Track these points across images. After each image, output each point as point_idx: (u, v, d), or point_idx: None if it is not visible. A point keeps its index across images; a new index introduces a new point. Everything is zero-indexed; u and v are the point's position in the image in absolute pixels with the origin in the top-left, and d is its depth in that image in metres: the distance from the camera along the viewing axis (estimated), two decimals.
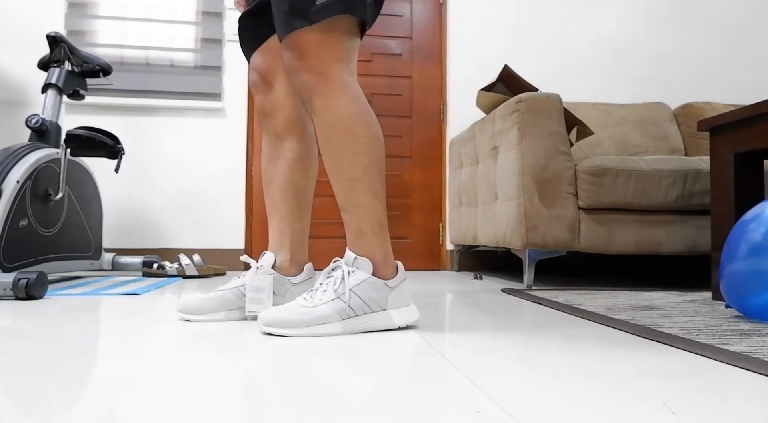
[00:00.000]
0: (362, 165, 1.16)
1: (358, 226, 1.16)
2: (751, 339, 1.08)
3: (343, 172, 1.16)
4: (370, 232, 1.16)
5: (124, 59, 2.92)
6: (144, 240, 2.90)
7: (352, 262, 1.15)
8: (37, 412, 0.63)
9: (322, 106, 1.14)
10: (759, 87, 3.35)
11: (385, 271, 1.17)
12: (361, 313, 1.13)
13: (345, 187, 1.16)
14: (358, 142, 1.15)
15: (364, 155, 1.16)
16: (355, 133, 1.15)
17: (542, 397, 0.70)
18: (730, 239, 1.31)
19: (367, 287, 1.14)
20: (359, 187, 1.16)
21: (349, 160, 1.15)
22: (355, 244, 1.17)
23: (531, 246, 2.10)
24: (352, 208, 1.17)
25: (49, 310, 1.43)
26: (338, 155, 1.16)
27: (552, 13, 3.23)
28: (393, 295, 1.16)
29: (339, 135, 1.15)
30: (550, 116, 2.12)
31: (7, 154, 1.89)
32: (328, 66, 1.14)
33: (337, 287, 1.13)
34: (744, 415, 0.64)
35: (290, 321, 1.09)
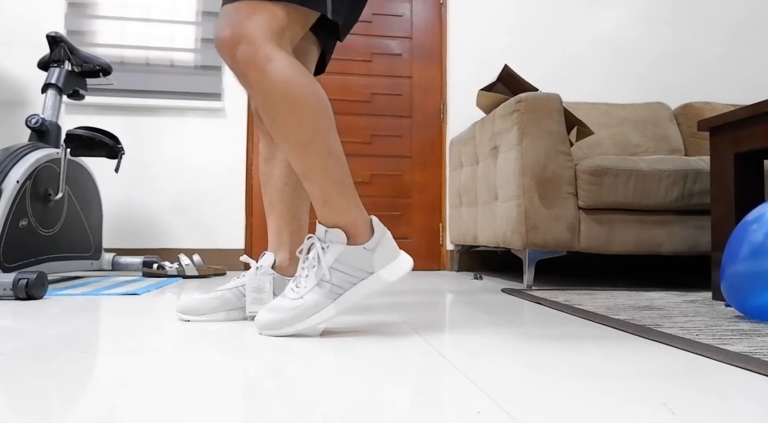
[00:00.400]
0: (310, 126, 1.10)
1: (322, 192, 1.11)
2: (751, 339, 1.08)
3: (292, 138, 1.10)
4: (336, 195, 1.11)
5: (124, 59, 2.92)
6: (144, 240, 2.90)
7: (324, 237, 1.11)
8: (37, 412, 0.63)
9: (257, 78, 1.09)
10: (759, 87, 3.35)
11: (361, 232, 1.12)
12: (349, 285, 1.10)
13: (298, 153, 1.10)
14: (299, 103, 1.10)
15: (308, 116, 1.10)
16: (293, 95, 1.09)
17: (542, 397, 0.70)
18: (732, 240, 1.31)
19: (346, 259, 1.10)
20: (312, 149, 1.10)
21: (294, 123, 1.10)
22: (323, 212, 1.12)
23: (531, 246, 2.10)
24: (311, 173, 1.11)
25: (49, 310, 1.43)
26: (282, 121, 1.10)
27: (552, 13, 3.23)
28: (377, 256, 1.12)
29: (278, 100, 1.09)
30: (550, 116, 2.12)
31: (7, 154, 1.89)
32: (260, 34, 1.09)
33: (317, 270, 1.10)
34: (744, 415, 0.64)
35: (283, 320, 1.08)
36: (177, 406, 0.65)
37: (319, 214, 1.13)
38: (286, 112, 1.09)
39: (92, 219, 2.37)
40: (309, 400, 0.68)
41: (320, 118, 1.11)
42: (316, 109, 1.11)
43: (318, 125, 1.11)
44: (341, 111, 3.12)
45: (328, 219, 1.12)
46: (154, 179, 2.92)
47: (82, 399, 0.68)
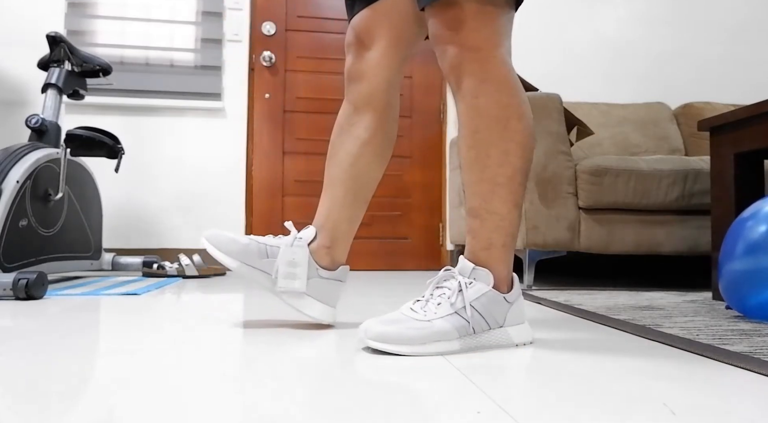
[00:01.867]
0: (512, 167, 0.98)
1: (489, 237, 1.00)
2: (752, 339, 1.08)
3: (486, 173, 0.98)
4: (500, 246, 1.00)
5: (124, 59, 2.92)
6: (144, 240, 2.90)
7: (469, 273, 1.00)
8: (37, 412, 0.62)
9: (474, 89, 0.97)
10: (759, 87, 3.35)
11: (504, 282, 1.02)
12: (480, 330, 0.99)
13: (484, 191, 0.98)
14: (511, 138, 0.97)
15: (515, 156, 0.98)
16: (509, 127, 0.97)
17: (542, 397, 0.70)
18: (728, 237, 1.31)
19: (486, 302, 0.99)
20: (501, 193, 0.98)
21: (497, 159, 0.97)
22: (479, 255, 1.01)
23: (531, 246, 2.10)
24: (487, 215, 0.99)
25: (49, 310, 1.43)
26: (485, 151, 0.97)
27: (552, 13, 3.23)
28: (511, 311, 1.02)
29: (490, 126, 0.97)
30: (550, 116, 2.12)
31: (7, 154, 1.89)
32: (486, 41, 0.97)
33: (453, 301, 0.97)
34: (744, 415, 0.64)
35: (404, 337, 0.94)
36: (177, 406, 0.65)
37: (474, 255, 1.02)
38: (494, 144, 0.98)
39: (92, 219, 2.37)
40: (306, 396, 0.68)
41: (524, 161, 1.00)
42: (525, 150, 0.99)
43: (520, 169, 0.99)
44: None
45: (481, 260, 1.01)
46: (154, 179, 2.92)
47: (82, 399, 0.67)
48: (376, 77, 1.18)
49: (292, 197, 3.05)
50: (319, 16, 3.14)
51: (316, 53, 3.11)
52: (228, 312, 1.43)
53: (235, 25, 3.00)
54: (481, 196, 1.00)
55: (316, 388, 0.74)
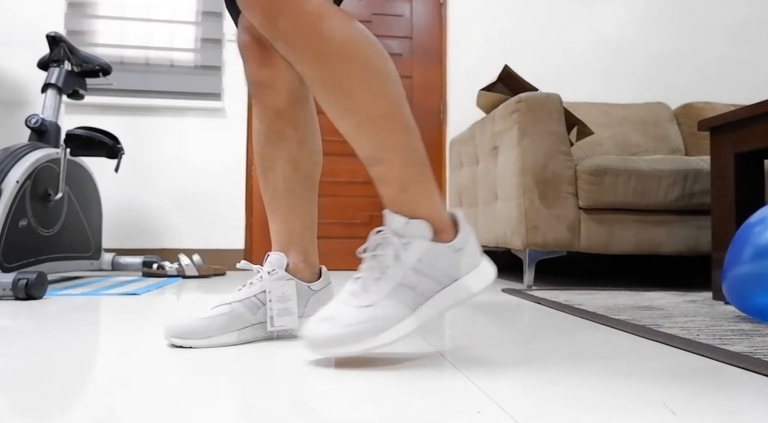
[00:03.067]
0: (386, 94, 0.86)
1: (401, 175, 0.86)
2: (752, 339, 1.08)
3: (363, 113, 0.85)
4: (418, 178, 0.87)
5: (124, 59, 2.92)
6: (144, 240, 2.90)
7: (403, 230, 0.86)
8: (37, 412, 0.62)
9: (308, 44, 0.84)
10: (759, 87, 3.35)
11: (446, 228, 0.88)
12: (432, 293, 0.86)
13: (371, 132, 0.86)
14: (370, 67, 0.85)
15: (383, 82, 0.86)
16: (362, 58, 0.85)
17: (542, 397, 0.70)
18: (735, 242, 1.31)
19: (431, 259, 0.86)
20: (389, 124, 0.86)
21: (366, 92, 0.85)
22: (402, 200, 0.87)
23: (531, 246, 2.10)
24: (387, 154, 0.86)
25: (49, 310, 1.43)
26: (350, 90, 0.85)
27: (552, 13, 3.23)
28: (464, 258, 0.88)
29: (342, 68, 0.84)
30: (550, 116, 2.12)
31: (7, 154, 1.89)
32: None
33: (394, 272, 0.84)
34: (745, 415, 0.64)
35: (349, 335, 0.82)
36: (177, 406, 0.65)
37: (394, 203, 0.87)
38: (355, 81, 0.84)
39: (92, 219, 2.37)
40: (307, 397, 0.68)
41: (394, 82, 0.87)
42: (388, 71, 0.87)
43: (394, 92, 0.87)
44: None
45: (409, 208, 0.87)
46: (154, 179, 2.92)
47: (82, 399, 0.67)
48: (289, 73, 1.07)
49: None
50: None
51: None
52: None
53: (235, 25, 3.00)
54: (369, 139, 0.87)
55: (313, 387, 0.74)
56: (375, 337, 0.82)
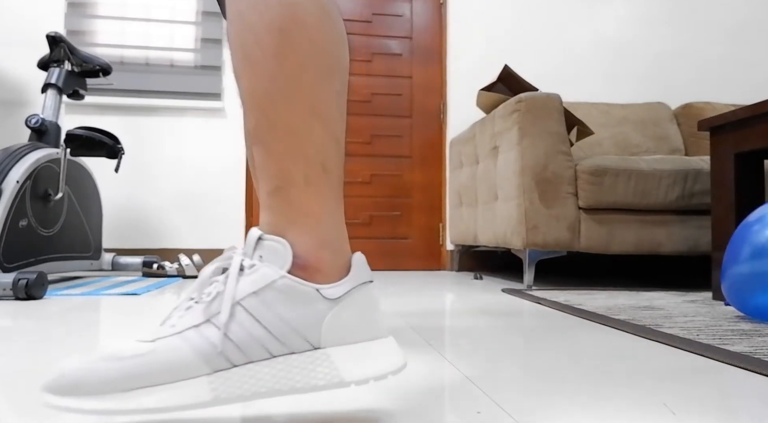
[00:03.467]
0: (295, 56, 0.59)
1: (279, 169, 0.59)
2: (752, 339, 1.08)
3: (259, 69, 0.59)
4: (300, 181, 0.59)
5: (124, 59, 2.92)
6: (144, 240, 2.90)
7: (253, 248, 0.57)
8: (37, 412, 0.62)
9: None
10: (759, 87, 3.35)
11: (324, 264, 0.58)
12: (259, 356, 0.54)
13: (262, 100, 0.59)
14: (288, 12, 0.58)
15: (297, 34, 0.59)
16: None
17: (542, 397, 0.70)
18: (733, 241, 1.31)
19: (277, 299, 0.55)
20: (287, 98, 0.59)
21: (270, 43, 0.58)
22: (269, 206, 0.60)
23: (531, 246, 2.10)
24: (271, 135, 0.59)
25: (49, 310, 1.43)
26: (252, 36, 0.59)
27: (552, 12, 3.23)
28: (339, 318, 0.57)
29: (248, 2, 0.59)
30: (550, 116, 2.12)
31: (7, 154, 1.89)
32: None
33: (212, 300, 0.55)
34: (745, 415, 0.64)
35: (89, 383, 0.51)
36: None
37: (261, 209, 0.61)
38: (257, 22, 0.59)
39: (92, 219, 2.37)
40: (305, 398, 0.68)
41: (317, 46, 0.60)
42: (317, 29, 0.60)
43: (310, 57, 0.59)
44: None
45: (273, 221, 0.59)
46: (154, 179, 2.92)
47: None
48: None
49: None
50: None
51: None
52: None
53: None
54: (259, 109, 0.60)
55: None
56: (128, 392, 0.51)
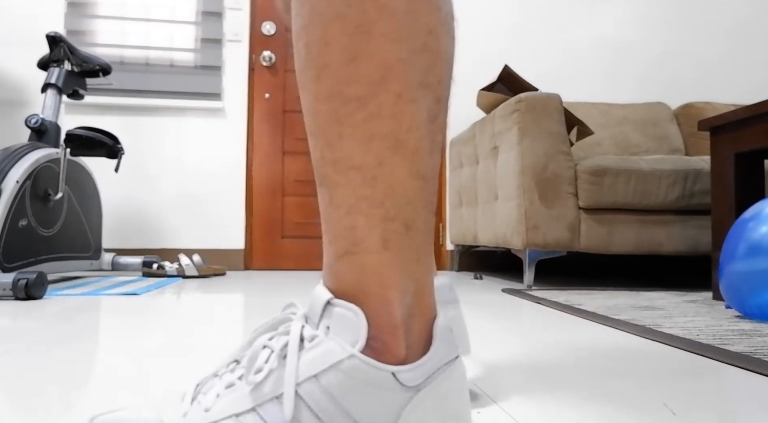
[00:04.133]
0: (377, 61, 0.43)
1: (348, 228, 0.43)
2: (752, 339, 1.08)
3: (327, 84, 0.45)
4: (376, 246, 0.42)
5: (124, 59, 2.92)
6: (144, 240, 2.90)
7: (319, 314, 0.42)
8: (37, 412, 0.62)
9: None
10: (760, 87, 3.35)
11: (400, 341, 0.42)
12: None
13: (324, 126, 0.47)
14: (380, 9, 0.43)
15: (386, 38, 0.44)
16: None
17: (542, 397, 0.70)
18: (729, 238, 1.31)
19: (340, 385, 0.40)
20: (361, 124, 0.44)
21: (337, 47, 0.44)
22: (338, 270, 0.44)
23: (531, 246, 2.10)
24: (335, 175, 0.47)
25: (49, 310, 1.43)
26: (321, 38, 0.44)
27: (552, 13, 3.22)
28: (412, 408, 0.41)
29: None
30: (550, 116, 2.12)
31: (7, 154, 1.89)
32: None
33: (260, 379, 0.41)
34: (745, 415, 0.64)
35: None
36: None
37: (326, 267, 0.45)
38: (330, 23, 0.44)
39: (92, 219, 2.36)
40: None
41: (413, 49, 0.46)
42: (409, 28, 0.45)
43: (402, 64, 0.45)
44: None
45: (341, 288, 0.43)
46: (154, 179, 2.92)
47: (82, 399, 0.67)
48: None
49: (292, 197, 3.05)
50: None
51: None
52: (228, 312, 1.43)
53: (235, 25, 3.00)
54: (324, 137, 0.48)
55: None
56: None
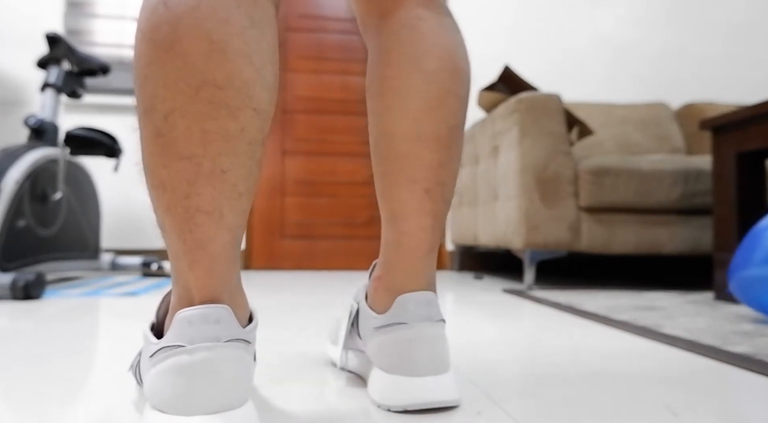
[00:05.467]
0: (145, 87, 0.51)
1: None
2: (754, 340, 1.08)
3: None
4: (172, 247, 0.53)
5: (123, 59, 2.91)
6: (143, 240, 2.89)
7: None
8: (37, 412, 0.62)
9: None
10: (761, 86, 3.34)
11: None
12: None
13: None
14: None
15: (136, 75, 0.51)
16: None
17: (543, 398, 0.69)
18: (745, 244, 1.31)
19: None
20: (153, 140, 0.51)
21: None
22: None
23: (532, 246, 2.09)
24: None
25: (48, 310, 1.43)
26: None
27: (552, 12, 3.22)
28: (150, 376, 0.50)
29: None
30: (551, 116, 2.11)
31: (6, 154, 1.89)
32: None
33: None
34: (746, 416, 0.64)
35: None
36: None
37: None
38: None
39: (91, 219, 2.36)
40: (313, 399, 0.67)
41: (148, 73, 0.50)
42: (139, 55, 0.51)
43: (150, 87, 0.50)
44: (341, 111, 3.12)
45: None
46: None
47: (81, 399, 0.67)
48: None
49: (292, 197, 3.05)
50: (320, 15, 3.13)
51: (316, 53, 3.11)
52: None
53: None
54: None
55: (313, 390, 0.73)
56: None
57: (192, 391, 0.48)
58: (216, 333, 0.49)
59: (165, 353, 0.49)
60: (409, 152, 0.65)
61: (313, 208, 3.05)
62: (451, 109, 0.65)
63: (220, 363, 0.49)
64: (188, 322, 0.49)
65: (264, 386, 0.74)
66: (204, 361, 0.48)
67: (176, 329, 0.49)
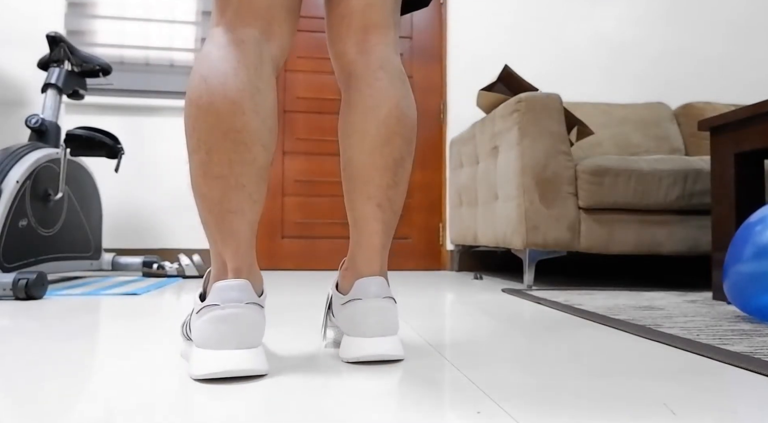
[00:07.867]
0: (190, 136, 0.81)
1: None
2: (752, 339, 1.08)
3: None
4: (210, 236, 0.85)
5: (124, 59, 2.92)
6: (144, 240, 2.90)
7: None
8: (37, 412, 0.62)
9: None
10: (760, 86, 3.35)
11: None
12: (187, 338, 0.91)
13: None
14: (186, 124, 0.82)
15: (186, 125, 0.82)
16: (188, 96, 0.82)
17: (542, 397, 0.70)
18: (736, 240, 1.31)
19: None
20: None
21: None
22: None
23: (531, 246, 2.10)
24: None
25: (49, 310, 1.43)
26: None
27: (552, 12, 3.22)
28: (196, 326, 0.79)
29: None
30: (550, 116, 2.12)
31: (7, 154, 1.89)
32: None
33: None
34: (745, 415, 0.64)
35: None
36: (176, 405, 0.65)
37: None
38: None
39: (92, 219, 2.36)
40: (314, 400, 0.68)
41: (196, 137, 0.80)
42: (194, 122, 0.80)
43: (193, 153, 0.81)
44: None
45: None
46: (154, 179, 2.92)
47: (82, 399, 0.67)
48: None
49: (292, 197, 3.05)
50: (320, 16, 3.14)
51: (316, 53, 3.11)
52: None
53: None
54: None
55: (314, 390, 0.74)
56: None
57: (223, 334, 0.75)
58: (240, 297, 0.77)
59: (207, 310, 0.77)
60: (365, 177, 0.90)
61: (313, 208, 3.06)
62: (396, 145, 0.90)
63: (242, 316, 0.76)
64: (221, 289, 0.77)
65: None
66: (232, 315, 0.76)
67: (214, 294, 0.77)
